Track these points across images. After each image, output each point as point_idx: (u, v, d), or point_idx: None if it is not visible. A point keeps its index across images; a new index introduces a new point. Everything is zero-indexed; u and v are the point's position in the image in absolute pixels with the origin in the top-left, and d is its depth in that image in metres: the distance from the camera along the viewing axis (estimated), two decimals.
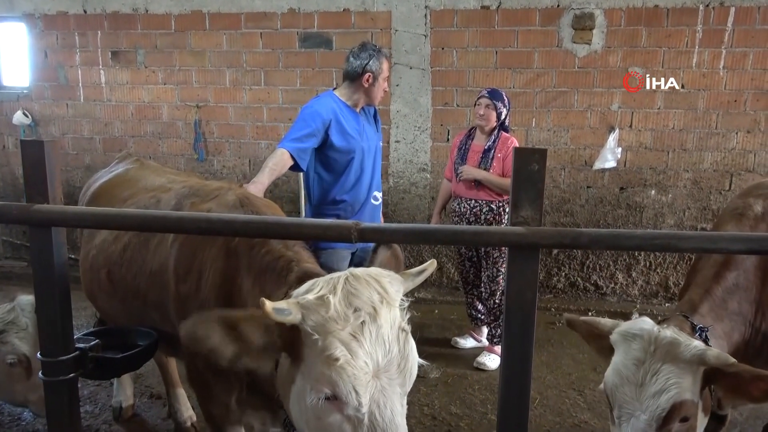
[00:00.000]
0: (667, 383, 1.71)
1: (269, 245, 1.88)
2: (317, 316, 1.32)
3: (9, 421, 3.26)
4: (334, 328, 1.31)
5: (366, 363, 1.30)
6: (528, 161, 1.42)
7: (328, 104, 3.19)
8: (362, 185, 3.28)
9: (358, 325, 1.32)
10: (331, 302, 1.33)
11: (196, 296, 2.00)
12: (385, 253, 1.70)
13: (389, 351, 1.34)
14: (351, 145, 3.20)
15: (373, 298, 1.36)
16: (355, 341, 1.30)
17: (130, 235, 2.37)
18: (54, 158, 1.68)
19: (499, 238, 1.50)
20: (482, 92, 4.05)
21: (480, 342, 4.30)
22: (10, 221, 1.77)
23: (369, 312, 1.34)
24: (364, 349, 1.30)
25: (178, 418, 3.16)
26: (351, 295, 1.35)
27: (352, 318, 1.32)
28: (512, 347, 1.48)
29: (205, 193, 2.28)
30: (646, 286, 5.28)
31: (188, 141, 5.75)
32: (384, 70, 3.26)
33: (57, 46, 5.78)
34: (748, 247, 1.41)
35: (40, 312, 1.73)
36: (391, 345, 1.35)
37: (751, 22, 4.76)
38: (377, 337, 1.33)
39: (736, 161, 5.03)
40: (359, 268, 1.45)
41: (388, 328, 1.35)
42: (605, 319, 2.05)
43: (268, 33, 5.40)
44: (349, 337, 1.30)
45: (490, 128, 4.00)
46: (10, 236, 6.22)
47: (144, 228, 1.94)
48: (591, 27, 4.93)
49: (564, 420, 3.36)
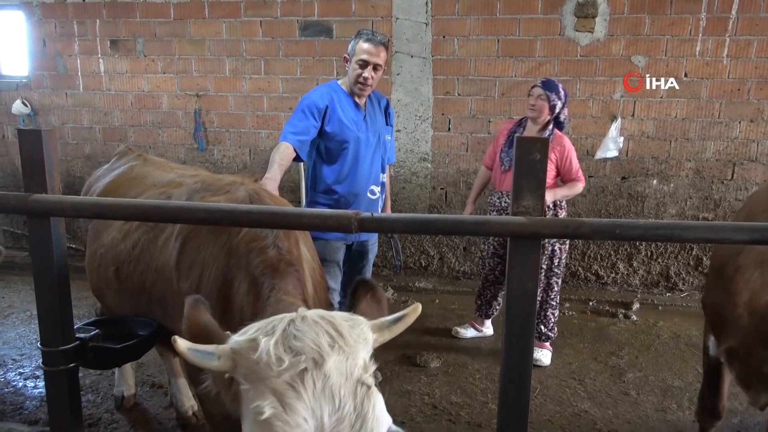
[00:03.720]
0: None
1: (265, 253, 1.82)
2: (247, 361, 1.15)
3: (12, 410, 3.28)
4: (267, 374, 1.11)
5: (305, 419, 1.07)
6: (529, 151, 1.40)
7: (325, 92, 3.19)
8: (358, 177, 3.24)
9: (297, 372, 1.10)
10: (260, 344, 1.14)
11: (197, 293, 1.96)
12: (365, 297, 1.45)
13: (339, 407, 1.10)
14: (344, 134, 3.16)
15: (320, 341, 1.14)
16: (292, 391, 1.09)
17: (140, 233, 2.35)
18: (52, 148, 1.67)
19: (500, 228, 1.49)
20: (536, 81, 3.85)
21: (481, 332, 4.29)
22: (8, 211, 1.77)
23: (313, 357, 1.12)
24: (303, 402, 1.08)
25: (180, 408, 3.17)
26: (292, 337, 1.15)
27: (289, 364, 1.11)
28: (513, 336, 1.47)
29: (216, 188, 2.25)
30: (647, 275, 5.28)
31: (188, 130, 5.73)
32: (358, 52, 3.11)
33: (55, 35, 5.74)
34: (751, 237, 1.40)
35: (40, 302, 1.73)
36: (342, 400, 1.10)
37: (755, 9, 4.71)
38: (323, 388, 1.10)
39: (739, 151, 5.00)
40: (311, 311, 1.24)
41: (341, 380, 1.12)
42: None
43: (267, 21, 5.36)
44: (284, 386, 1.09)
45: (543, 121, 3.76)
46: (11, 226, 6.22)
47: (143, 218, 1.94)
48: (594, 15, 4.88)
49: (564, 409, 3.37)
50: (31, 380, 3.62)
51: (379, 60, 3.14)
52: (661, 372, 3.80)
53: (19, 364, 3.83)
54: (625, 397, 3.52)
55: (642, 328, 4.53)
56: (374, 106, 3.37)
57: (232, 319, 1.82)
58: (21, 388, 3.54)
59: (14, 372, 3.72)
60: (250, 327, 1.22)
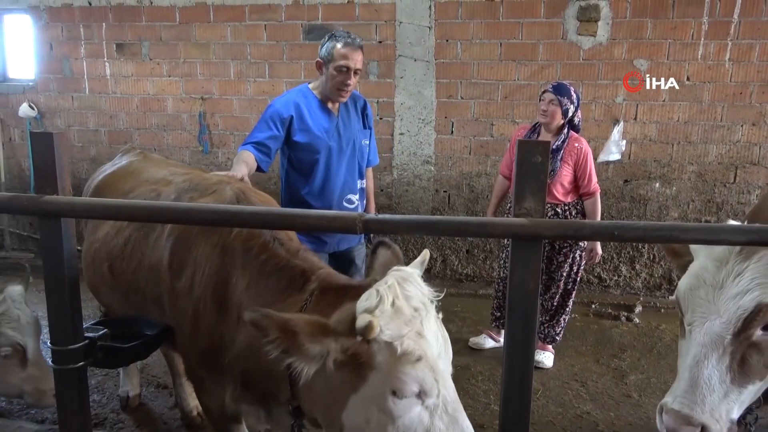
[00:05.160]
0: (752, 283, 1.53)
1: (271, 250, 1.88)
2: (393, 324, 1.41)
3: (19, 410, 3.31)
4: (406, 331, 1.41)
5: (433, 355, 1.44)
6: (531, 154, 1.43)
7: (291, 100, 3.02)
8: (331, 189, 3.12)
9: (419, 324, 1.44)
10: (403, 309, 1.43)
11: (190, 292, 2.02)
12: (385, 252, 1.77)
13: (439, 339, 1.48)
14: (315, 144, 3.02)
15: (422, 297, 1.48)
16: (422, 339, 1.43)
17: (131, 230, 2.39)
18: (63, 150, 1.71)
19: (502, 229, 1.51)
20: (547, 86, 3.74)
21: (499, 342, 4.14)
22: (21, 212, 1.81)
23: (424, 310, 1.46)
24: (428, 343, 1.44)
25: (184, 408, 3.20)
26: (408, 297, 1.45)
27: (415, 318, 1.44)
28: (514, 336, 1.50)
29: (203, 188, 2.30)
30: (649, 278, 5.29)
31: (193, 133, 5.77)
32: (335, 56, 2.90)
33: (62, 38, 5.80)
34: (749, 239, 1.42)
35: (50, 302, 1.76)
36: (438, 333, 1.49)
37: (757, 13, 4.73)
38: (433, 330, 1.47)
39: (741, 154, 5.01)
40: (396, 275, 1.50)
41: (435, 320, 1.50)
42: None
43: (272, 25, 5.40)
44: (417, 336, 1.42)
45: (557, 126, 3.70)
46: (17, 228, 6.26)
47: (152, 219, 1.97)
48: (596, 19, 4.91)
49: (566, 411, 3.39)
50: None
51: (359, 64, 2.98)
52: (663, 374, 3.81)
53: None
54: (627, 399, 3.53)
55: (644, 331, 4.54)
56: (349, 110, 3.20)
57: (230, 314, 1.90)
58: None
59: None
60: (372, 294, 1.44)
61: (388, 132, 5.41)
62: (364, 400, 1.44)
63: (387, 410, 1.41)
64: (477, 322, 4.60)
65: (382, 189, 5.52)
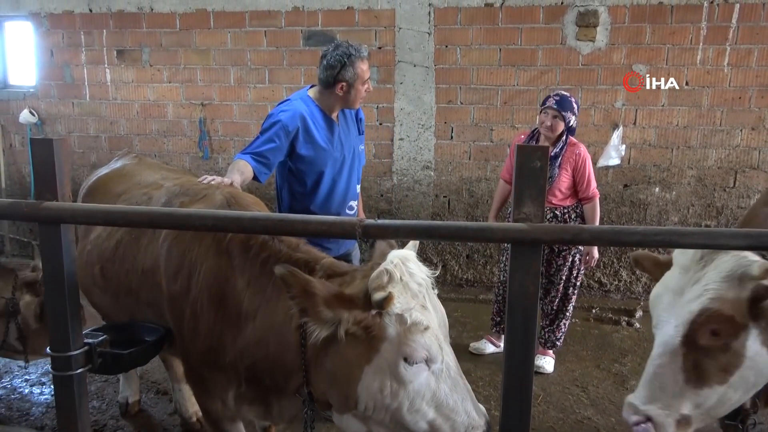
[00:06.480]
0: (703, 289, 1.59)
1: (270, 248, 1.91)
2: (402, 297, 1.58)
3: (18, 416, 3.31)
4: (413, 303, 1.58)
5: (437, 325, 1.63)
6: (530, 158, 1.43)
7: (297, 111, 2.93)
8: (335, 199, 3.12)
9: (422, 298, 1.62)
10: (410, 284, 1.60)
11: (187, 295, 2.03)
12: (382, 244, 1.90)
13: (439, 311, 1.69)
14: (321, 157, 3.00)
15: (422, 274, 1.65)
16: (426, 310, 1.61)
17: (122, 233, 2.40)
18: (63, 156, 1.70)
19: (502, 234, 1.51)
20: (549, 100, 3.67)
21: (499, 348, 4.13)
22: (20, 218, 1.80)
23: (426, 286, 1.64)
24: (431, 314, 1.62)
25: (184, 414, 3.19)
26: (412, 274, 1.62)
27: (419, 293, 1.61)
28: (515, 341, 1.50)
29: (194, 193, 2.32)
30: (650, 283, 5.27)
31: (193, 139, 5.79)
32: (360, 75, 2.95)
33: (63, 45, 5.82)
34: (747, 243, 1.42)
35: (50, 307, 1.76)
36: (437, 306, 1.69)
37: (756, 18, 4.75)
38: (433, 302, 1.66)
39: (740, 158, 5.02)
40: (397, 253, 1.66)
41: (434, 294, 1.70)
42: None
43: (272, 31, 5.42)
44: (422, 309, 1.60)
45: (556, 135, 3.71)
46: (17, 234, 6.27)
47: (153, 225, 1.97)
48: (595, 24, 4.93)
49: (567, 416, 3.38)
50: (37, 387, 3.65)
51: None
52: None
53: (25, 371, 3.85)
54: None
55: (645, 336, 4.53)
56: (347, 117, 3.20)
57: (230, 311, 1.94)
58: (27, 394, 3.57)
59: (20, 379, 3.75)
60: (383, 273, 1.56)
61: (387, 137, 5.42)
62: (377, 369, 1.58)
63: (399, 376, 1.56)
64: (477, 327, 4.59)
65: (381, 194, 5.53)
